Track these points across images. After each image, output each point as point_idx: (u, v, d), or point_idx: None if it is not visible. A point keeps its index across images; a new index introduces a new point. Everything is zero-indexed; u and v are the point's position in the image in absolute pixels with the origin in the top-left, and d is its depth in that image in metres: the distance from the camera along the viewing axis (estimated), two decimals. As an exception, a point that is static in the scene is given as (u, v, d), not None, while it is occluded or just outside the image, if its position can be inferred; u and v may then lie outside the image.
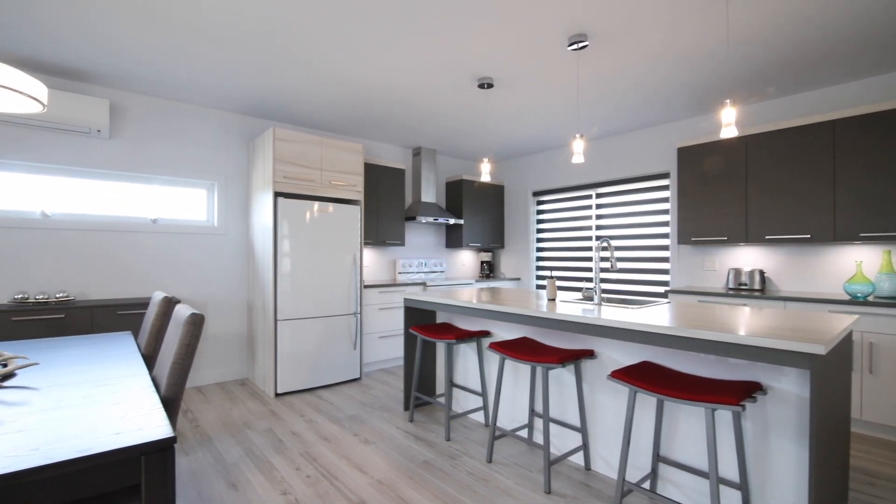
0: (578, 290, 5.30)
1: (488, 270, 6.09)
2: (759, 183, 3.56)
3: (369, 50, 2.88)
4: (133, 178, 3.73)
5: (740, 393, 1.65)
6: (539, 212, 5.84)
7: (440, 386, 3.49)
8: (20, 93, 1.52)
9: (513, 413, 2.90)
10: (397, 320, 4.67)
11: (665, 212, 4.48)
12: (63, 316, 3.03)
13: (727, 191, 3.74)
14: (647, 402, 2.22)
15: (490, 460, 2.52)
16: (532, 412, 2.73)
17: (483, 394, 3.03)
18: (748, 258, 3.91)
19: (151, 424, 1.18)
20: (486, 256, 6.13)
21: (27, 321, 2.92)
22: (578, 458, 2.52)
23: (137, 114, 3.69)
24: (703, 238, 3.90)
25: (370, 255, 5.15)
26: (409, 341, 3.39)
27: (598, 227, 5.09)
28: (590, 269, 5.19)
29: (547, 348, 2.49)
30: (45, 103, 1.68)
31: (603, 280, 4.98)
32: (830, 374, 1.62)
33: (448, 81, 3.38)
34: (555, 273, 5.64)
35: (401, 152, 5.46)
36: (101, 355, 1.99)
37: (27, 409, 1.29)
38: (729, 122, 2.24)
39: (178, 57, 2.99)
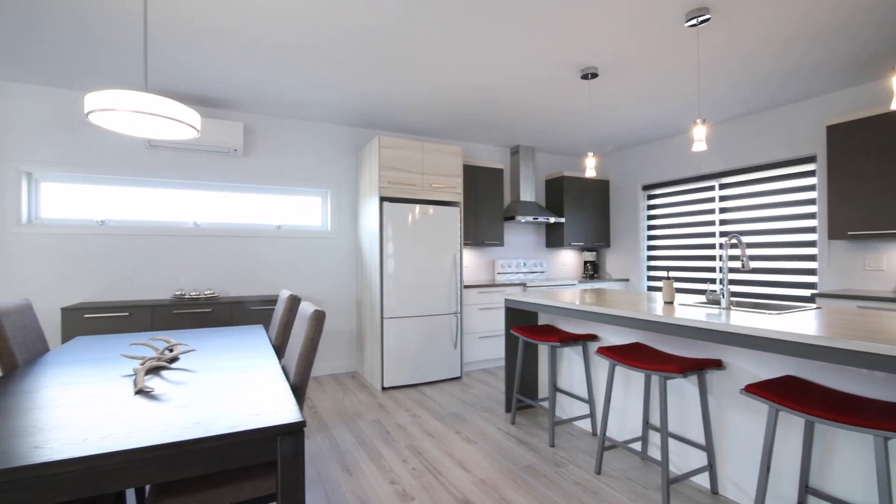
0: (698, 292, 4.77)
1: (592, 271, 5.78)
2: (944, 162, 2.88)
3: (470, 51, 2.90)
4: (261, 189, 4.23)
5: (929, 421, 1.34)
6: (650, 207, 5.39)
7: (542, 389, 3.39)
8: (182, 122, 1.80)
9: (623, 423, 2.70)
10: (497, 321, 4.64)
11: (811, 202, 3.84)
12: (210, 310, 3.54)
13: (897, 174, 3.08)
14: (790, 423, 1.91)
15: (599, 472, 2.37)
16: (646, 424, 2.52)
17: (590, 401, 2.88)
18: (929, 255, 3.17)
19: (285, 409, 1.31)
20: (590, 256, 5.82)
21: (183, 314, 3.46)
22: (702, 480, 2.26)
23: (264, 133, 4.18)
24: (863, 232, 3.26)
25: (469, 256, 5.21)
26: (511, 342, 3.34)
27: (723, 223, 4.54)
28: (712, 270, 4.65)
29: (664, 356, 2.28)
30: (199, 129, 1.96)
31: (731, 282, 4.42)
32: None
33: (549, 75, 3.27)
34: (671, 274, 5.16)
35: (498, 152, 5.43)
36: (240, 345, 2.27)
37: (188, 388, 1.52)
38: (903, 89, 1.83)
39: (300, 80, 3.31)
